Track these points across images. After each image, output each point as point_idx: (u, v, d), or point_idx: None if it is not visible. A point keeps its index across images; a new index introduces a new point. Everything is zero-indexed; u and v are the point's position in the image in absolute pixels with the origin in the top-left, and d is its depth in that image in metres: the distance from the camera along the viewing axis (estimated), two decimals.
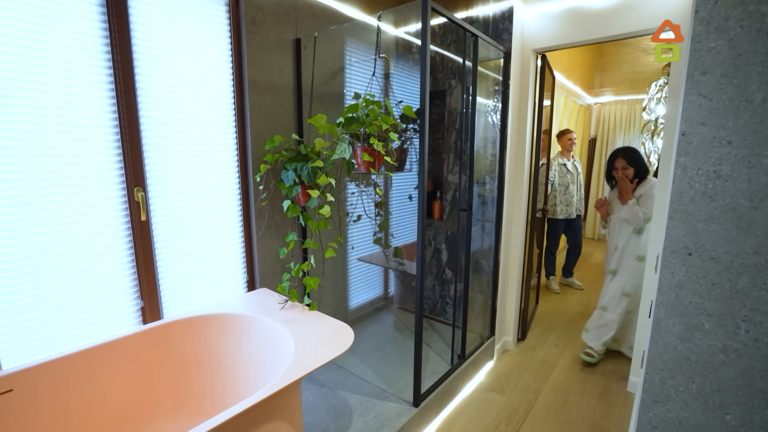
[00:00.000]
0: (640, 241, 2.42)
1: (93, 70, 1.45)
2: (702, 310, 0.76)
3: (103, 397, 1.47)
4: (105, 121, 1.50)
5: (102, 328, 1.57)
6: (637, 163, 2.46)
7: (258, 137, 1.93)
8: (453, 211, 2.70)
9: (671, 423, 0.84)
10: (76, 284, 1.49)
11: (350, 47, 2.39)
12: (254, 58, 1.87)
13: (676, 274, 0.79)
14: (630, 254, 2.46)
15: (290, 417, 1.37)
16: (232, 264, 1.98)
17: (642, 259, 2.38)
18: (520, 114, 2.44)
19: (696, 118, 0.74)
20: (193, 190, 1.79)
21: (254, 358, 1.64)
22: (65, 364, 1.37)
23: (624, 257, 2.50)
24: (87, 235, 1.50)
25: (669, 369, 0.82)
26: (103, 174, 1.52)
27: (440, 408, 2.06)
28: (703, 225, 0.75)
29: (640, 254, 2.40)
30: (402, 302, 3.06)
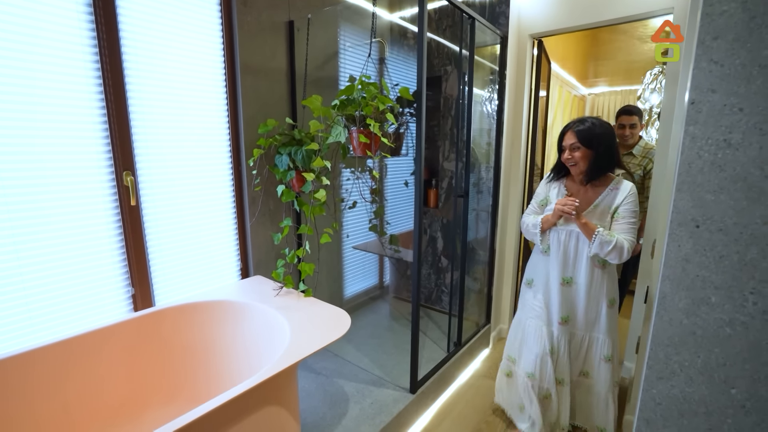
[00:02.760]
0: (608, 277, 1.59)
1: (78, 49, 1.39)
2: (709, 284, 0.75)
3: (96, 384, 1.43)
4: (91, 102, 1.44)
5: (92, 316, 1.52)
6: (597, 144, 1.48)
7: (251, 121, 1.88)
8: (449, 199, 2.68)
9: (675, 399, 0.83)
10: (63, 271, 1.44)
11: (344, 31, 2.34)
12: (246, 40, 1.82)
13: (683, 247, 0.77)
14: (595, 297, 1.60)
15: (286, 403, 1.35)
16: (226, 251, 1.94)
17: (613, 303, 1.60)
18: (516, 100, 2.42)
19: (706, 86, 0.72)
20: (185, 175, 1.74)
21: (249, 344, 1.61)
22: (56, 351, 1.33)
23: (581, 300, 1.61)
24: (74, 221, 1.44)
25: (674, 344, 0.81)
26: (90, 157, 1.47)
27: (437, 394, 2.05)
28: (711, 196, 0.73)
29: (609, 297, 1.59)
30: (397, 291, 3.04)
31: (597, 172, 1.54)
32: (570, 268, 1.62)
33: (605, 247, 1.48)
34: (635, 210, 1.50)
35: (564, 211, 1.52)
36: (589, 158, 1.53)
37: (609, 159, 1.52)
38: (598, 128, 1.50)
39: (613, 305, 1.63)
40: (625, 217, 1.50)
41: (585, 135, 1.50)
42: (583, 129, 1.51)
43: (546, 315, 1.68)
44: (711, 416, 0.80)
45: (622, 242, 1.47)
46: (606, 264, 1.58)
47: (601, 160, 1.52)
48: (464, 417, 1.96)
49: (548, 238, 1.66)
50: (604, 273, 1.59)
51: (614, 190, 1.53)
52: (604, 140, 1.49)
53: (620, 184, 1.53)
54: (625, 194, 1.51)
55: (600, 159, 1.51)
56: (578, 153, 1.53)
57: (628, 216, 1.50)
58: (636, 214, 1.50)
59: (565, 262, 1.62)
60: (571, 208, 1.50)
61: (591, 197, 1.58)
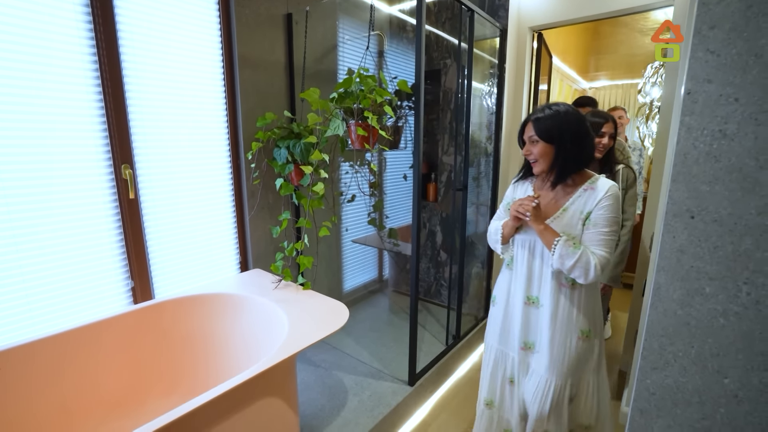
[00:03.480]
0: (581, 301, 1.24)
1: (75, 41, 1.38)
2: (703, 274, 0.75)
3: (96, 375, 1.44)
4: (89, 95, 1.44)
5: (92, 308, 1.53)
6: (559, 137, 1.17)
7: (249, 115, 1.87)
8: (448, 193, 2.68)
9: (669, 388, 0.83)
10: (63, 264, 1.45)
11: (343, 24, 2.33)
12: (244, 33, 1.81)
13: (677, 238, 0.78)
14: (562, 326, 1.25)
15: (285, 394, 1.36)
16: (225, 245, 1.95)
17: (587, 336, 1.25)
18: (516, 94, 2.41)
19: (702, 76, 0.71)
20: (183, 168, 1.74)
21: (247, 337, 1.62)
22: (55, 343, 1.34)
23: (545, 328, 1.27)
24: (73, 214, 1.45)
25: (668, 335, 0.82)
26: (89, 150, 1.47)
27: (435, 387, 2.06)
28: (706, 187, 0.73)
29: (583, 328, 1.24)
30: (396, 285, 3.05)
31: (563, 170, 1.20)
32: (535, 285, 1.29)
33: (566, 260, 1.14)
34: (612, 216, 1.14)
35: (519, 213, 1.20)
36: (550, 155, 1.20)
37: (577, 154, 1.18)
38: (563, 116, 1.16)
39: (588, 339, 1.25)
40: (597, 225, 1.15)
41: (544, 126, 1.18)
42: (542, 118, 1.19)
43: (506, 338, 1.38)
44: (704, 405, 0.81)
45: (588, 257, 1.12)
46: (576, 284, 1.23)
47: (567, 156, 1.18)
48: (462, 409, 1.98)
49: (512, 248, 1.33)
50: (573, 295, 1.23)
51: (588, 190, 1.19)
52: (570, 132, 1.16)
53: (596, 182, 1.19)
54: (600, 196, 1.15)
55: (565, 154, 1.18)
56: (537, 148, 1.21)
57: (600, 224, 1.15)
58: (613, 222, 1.15)
59: (530, 278, 1.29)
60: (525, 209, 1.19)
61: (560, 200, 1.23)
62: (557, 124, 1.18)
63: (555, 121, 1.18)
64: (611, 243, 1.16)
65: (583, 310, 1.25)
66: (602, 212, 1.15)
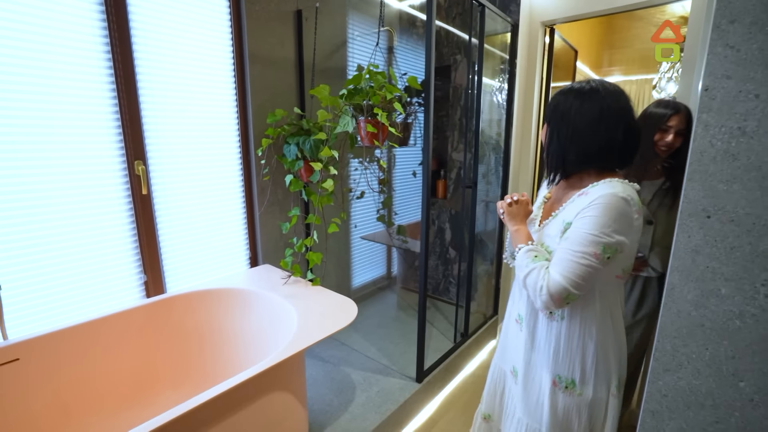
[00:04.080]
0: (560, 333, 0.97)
1: (89, 39, 1.40)
2: (719, 275, 0.73)
3: (110, 366, 1.47)
4: (103, 93, 1.46)
5: (106, 301, 1.56)
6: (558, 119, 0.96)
7: (259, 111, 1.88)
8: (457, 190, 2.66)
9: (682, 391, 0.82)
10: (79, 258, 1.48)
11: (352, 21, 2.32)
12: (254, 30, 1.82)
13: (692, 238, 0.76)
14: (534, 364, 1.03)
15: (294, 389, 1.37)
16: (235, 240, 1.96)
17: (567, 387, 0.98)
18: (527, 90, 2.38)
19: (721, 71, 0.69)
20: (195, 164, 1.76)
21: (256, 331, 1.64)
22: (71, 334, 1.37)
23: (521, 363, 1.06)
24: (89, 209, 1.48)
25: (681, 336, 0.80)
26: (103, 147, 1.49)
27: (443, 384, 2.06)
28: (724, 186, 0.71)
29: (560, 374, 0.98)
30: (405, 282, 3.05)
31: (556, 161, 0.97)
32: (518, 300, 1.09)
33: (519, 272, 0.95)
34: (589, 234, 0.85)
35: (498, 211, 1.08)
36: (545, 140, 0.99)
37: (582, 143, 0.91)
38: (575, 92, 0.92)
39: (569, 391, 0.97)
40: (567, 239, 0.89)
41: (552, 102, 0.97)
42: (555, 95, 0.98)
43: (503, 355, 1.19)
44: (718, 409, 0.80)
45: (538, 276, 0.89)
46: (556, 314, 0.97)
47: (563, 144, 0.93)
48: (470, 407, 1.98)
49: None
50: (552, 323, 0.98)
51: (582, 195, 0.92)
52: (572, 111, 0.91)
53: (596, 186, 0.90)
54: (585, 204, 0.88)
55: (560, 141, 0.94)
56: (542, 131, 1.02)
57: (571, 238, 0.88)
58: (589, 241, 0.85)
59: (519, 290, 1.07)
60: (500, 206, 1.06)
61: (557, 204, 1.02)
62: (561, 101, 0.94)
63: (561, 97, 0.94)
64: (577, 268, 0.85)
65: (565, 347, 0.96)
66: (579, 224, 0.87)
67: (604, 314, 0.95)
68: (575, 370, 0.97)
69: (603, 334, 0.96)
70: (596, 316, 0.94)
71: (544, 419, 1.01)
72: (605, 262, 0.86)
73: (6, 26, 1.23)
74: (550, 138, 0.97)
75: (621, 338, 1.00)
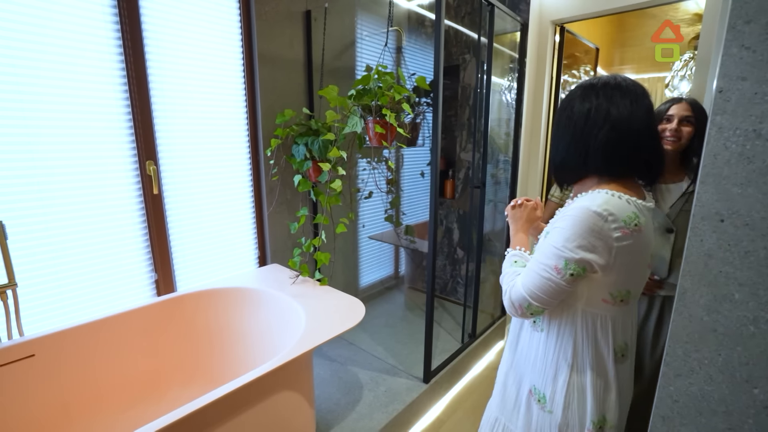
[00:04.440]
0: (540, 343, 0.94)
1: (102, 41, 1.42)
2: (733, 280, 0.72)
3: (121, 364, 1.50)
4: (115, 93, 1.48)
5: (118, 299, 1.59)
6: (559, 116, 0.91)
7: (268, 111, 1.90)
8: (465, 190, 2.65)
9: (693, 396, 0.81)
10: (91, 256, 1.50)
11: (361, 20, 2.32)
12: (264, 30, 1.83)
13: (705, 242, 0.75)
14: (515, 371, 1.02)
15: (302, 388, 1.38)
16: (244, 239, 1.98)
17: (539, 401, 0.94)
18: (537, 90, 2.36)
19: (736, 73, 0.68)
20: (205, 164, 1.78)
21: (265, 330, 1.65)
22: (84, 331, 1.40)
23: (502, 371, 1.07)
24: (101, 209, 1.50)
25: (693, 341, 0.79)
26: (116, 147, 1.51)
27: (450, 385, 2.06)
28: (738, 189, 0.70)
29: (536, 384, 0.95)
30: (412, 282, 3.05)
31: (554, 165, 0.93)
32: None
33: (501, 275, 0.95)
34: (553, 247, 0.81)
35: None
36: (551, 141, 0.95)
37: (575, 148, 0.85)
38: (575, 90, 0.88)
39: (540, 404, 0.94)
40: (538, 250, 0.87)
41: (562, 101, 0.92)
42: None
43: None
44: (731, 416, 0.78)
45: (508, 282, 0.89)
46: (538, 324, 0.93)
47: (560, 146, 0.89)
48: (477, 408, 1.97)
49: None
50: (533, 335, 0.95)
51: (569, 205, 0.87)
52: (565, 113, 0.87)
53: (581, 199, 0.83)
54: (561, 215, 0.85)
55: (554, 142, 0.91)
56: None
57: (540, 250, 0.85)
58: (552, 256, 0.81)
59: None
60: (506, 210, 1.07)
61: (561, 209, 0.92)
62: (564, 98, 0.90)
63: (567, 94, 0.89)
64: (538, 280, 0.82)
65: (542, 359, 0.93)
66: (549, 236, 0.84)
67: (585, 342, 0.87)
68: (547, 385, 0.93)
69: (580, 362, 0.88)
70: (574, 341, 0.88)
71: (519, 425, 1.00)
72: (568, 280, 0.80)
73: (19, 27, 1.26)
74: (553, 139, 0.93)
75: (608, 379, 0.88)
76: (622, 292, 0.85)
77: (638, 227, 0.80)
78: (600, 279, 0.83)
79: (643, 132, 0.83)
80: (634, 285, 0.86)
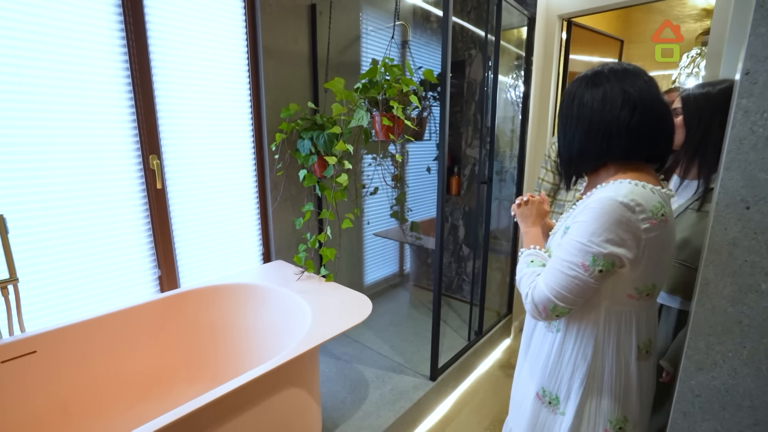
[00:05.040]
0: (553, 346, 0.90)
1: (105, 33, 1.41)
2: (759, 269, 0.70)
3: (124, 359, 1.48)
4: (119, 87, 1.47)
5: (120, 295, 1.57)
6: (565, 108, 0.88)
7: (273, 106, 1.88)
8: (471, 187, 2.63)
9: (716, 390, 0.78)
10: (94, 252, 1.48)
11: (366, 15, 2.30)
12: (268, 24, 1.81)
13: (730, 230, 0.72)
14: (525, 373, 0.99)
15: (308, 385, 1.36)
16: (248, 235, 1.96)
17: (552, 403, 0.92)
18: (543, 86, 2.34)
19: (764, 53, 0.66)
20: (208, 159, 1.76)
21: (270, 327, 1.63)
22: (87, 328, 1.38)
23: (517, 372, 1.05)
24: (104, 203, 1.48)
25: (716, 334, 0.76)
26: (119, 141, 1.49)
27: (457, 383, 2.03)
28: (765, 174, 0.68)
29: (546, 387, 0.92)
30: (418, 279, 3.03)
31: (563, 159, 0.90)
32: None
33: (516, 277, 0.91)
34: (578, 243, 0.77)
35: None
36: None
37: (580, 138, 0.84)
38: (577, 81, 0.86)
39: (551, 407, 0.91)
40: (560, 247, 0.82)
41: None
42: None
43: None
44: (757, 410, 0.76)
45: (528, 282, 0.84)
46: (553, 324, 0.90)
47: (566, 136, 0.87)
48: (484, 406, 1.95)
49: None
50: (547, 336, 0.91)
51: (588, 196, 0.84)
52: (575, 102, 0.84)
53: (601, 188, 0.81)
54: (581, 208, 0.81)
55: (564, 133, 0.88)
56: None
57: (563, 247, 0.81)
58: (577, 250, 0.77)
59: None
60: (513, 208, 1.04)
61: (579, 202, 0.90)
62: (569, 90, 0.87)
63: (570, 86, 0.87)
64: (563, 279, 0.78)
65: (555, 361, 0.89)
66: (571, 231, 0.80)
67: (606, 340, 0.84)
68: (561, 386, 0.89)
69: (600, 362, 0.85)
70: (596, 339, 0.84)
71: (521, 428, 0.97)
72: (597, 276, 0.76)
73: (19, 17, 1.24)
74: (559, 132, 0.89)
75: (630, 377, 0.85)
76: (648, 286, 0.81)
77: (665, 217, 0.77)
78: (627, 274, 0.79)
79: (662, 109, 0.80)
80: (659, 278, 0.83)
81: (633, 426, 0.88)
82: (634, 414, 0.87)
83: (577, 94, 0.84)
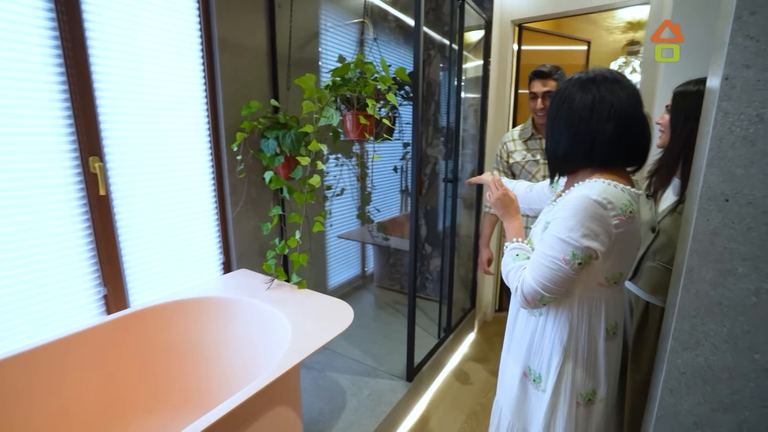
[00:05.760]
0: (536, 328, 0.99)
1: (31, 13, 1.19)
2: (737, 255, 0.77)
3: (67, 397, 1.26)
4: (49, 77, 1.25)
5: (58, 321, 1.34)
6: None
7: (230, 102, 1.73)
8: (432, 186, 2.66)
9: (699, 367, 0.86)
10: (22, 271, 1.25)
11: (325, 11, 2.22)
12: (223, 14, 1.67)
13: (711, 221, 0.79)
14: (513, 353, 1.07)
15: (292, 402, 1.27)
16: (206, 244, 1.79)
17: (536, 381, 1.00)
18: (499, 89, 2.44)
19: (741, 61, 0.73)
20: (160, 160, 1.58)
21: (243, 343, 1.50)
22: (17, 363, 1.16)
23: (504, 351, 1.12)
24: (35, 213, 1.26)
25: (700, 315, 0.84)
26: (51, 140, 1.28)
27: (430, 381, 2.05)
28: (741, 170, 0.75)
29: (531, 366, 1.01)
30: (381, 280, 3.00)
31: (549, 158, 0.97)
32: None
33: (503, 270, 0.98)
34: (558, 238, 0.85)
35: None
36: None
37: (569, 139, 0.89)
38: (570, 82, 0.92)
39: (536, 384, 1.00)
40: (543, 241, 0.89)
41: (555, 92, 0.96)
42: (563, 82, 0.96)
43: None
44: (734, 381, 0.84)
45: (515, 276, 0.92)
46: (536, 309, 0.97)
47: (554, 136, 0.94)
48: (459, 401, 1.98)
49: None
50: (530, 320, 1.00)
51: (567, 194, 0.91)
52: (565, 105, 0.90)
53: (577, 187, 0.89)
54: (560, 205, 0.88)
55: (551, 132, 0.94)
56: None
57: (545, 241, 0.88)
58: (557, 245, 0.85)
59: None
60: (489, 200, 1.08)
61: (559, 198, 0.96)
62: (561, 89, 0.93)
63: (562, 85, 0.94)
64: (548, 272, 0.86)
65: (538, 343, 0.98)
66: (551, 226, 0.88)
67: (579, 323, 0.93)
68: (542, 366, 0.98)
69: (573, 342, 0.94)
70: (570, 323, 0.93)
71: (510, 404, 1.06)
72: (576, 268, 0.85)
73: None
74: (547, 129, 0.96)
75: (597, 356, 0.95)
76: (616, 275, 0.91)
77: (632, 214, 0.85)
78: (598, 265, 0.88)
79: (642, 122, 0.89)
80: (626, 267, 0.94)
81: (600, 398, 0.99)
82: (602, 387, 0.98)
83: (568, 97, 0.90)
